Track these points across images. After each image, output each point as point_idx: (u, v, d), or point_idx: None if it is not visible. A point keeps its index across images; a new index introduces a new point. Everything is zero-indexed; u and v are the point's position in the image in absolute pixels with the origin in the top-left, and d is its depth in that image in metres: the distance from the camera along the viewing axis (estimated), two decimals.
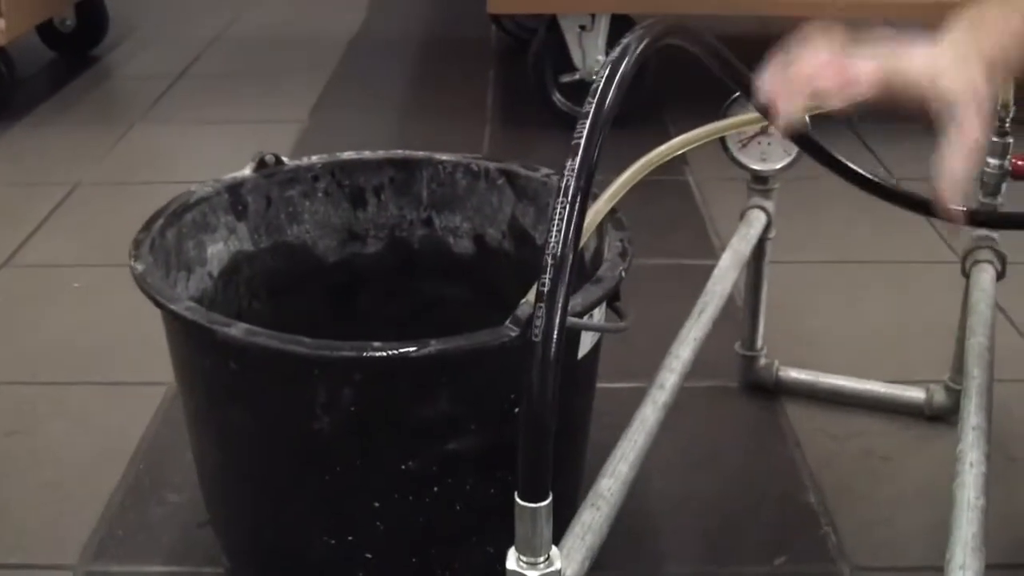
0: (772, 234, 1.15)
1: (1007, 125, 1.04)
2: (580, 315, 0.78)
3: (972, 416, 0.79)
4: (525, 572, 0.58)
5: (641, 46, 0.65)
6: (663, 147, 0.93)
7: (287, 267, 1.05)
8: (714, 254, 1.54)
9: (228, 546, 0.93)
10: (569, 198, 0.57)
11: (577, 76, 1.94)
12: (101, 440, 1.15)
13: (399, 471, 0.79)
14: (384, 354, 0.73)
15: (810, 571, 0.97)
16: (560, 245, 0.56)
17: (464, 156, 1.06)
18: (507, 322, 0.74)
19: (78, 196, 1.76)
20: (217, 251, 1.00)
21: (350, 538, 0.82)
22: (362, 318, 1.09)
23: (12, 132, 2.04)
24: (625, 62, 0.63)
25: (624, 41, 0.65)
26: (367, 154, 1.07)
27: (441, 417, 0.77)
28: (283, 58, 2.52)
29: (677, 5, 1.90)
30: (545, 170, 1.02)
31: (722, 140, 1.13)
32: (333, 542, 0.83)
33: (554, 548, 0.59)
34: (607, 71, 0.62)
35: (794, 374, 1.22)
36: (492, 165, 1.04)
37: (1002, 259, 1.05)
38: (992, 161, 1.06)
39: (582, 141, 0.59)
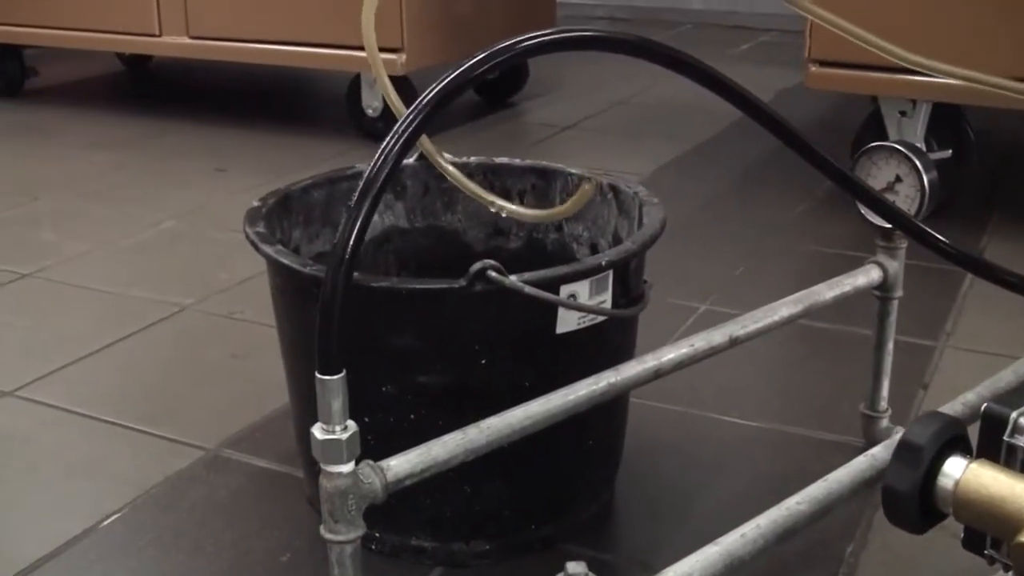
0: (899, 293, 1.15)
1: None
2: (541, 288, 0.89)
3: None
4: (320, 436, 0.72)
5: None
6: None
7: (437, 247, 1.24)
8: (917, 335, 1.50)
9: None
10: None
11: None
12: None
13: (381, 392, 0.94)
14: (358, 282, 0.89)
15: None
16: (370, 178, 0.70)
17: (587, 171, 1.18)
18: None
19: None
20: (372, 220, 1.20)
21: None
22: None
23: None
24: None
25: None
26: (516, 161, 1.23)
27: (409, 349, 0.92)
28: (662, 125, 2.70)
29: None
30: (637, 187, 1.12)
31: (852, 193, 1.15)
32: None
33: (350, 422, 0.72)
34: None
35: None
36: (605, 181, 1.16)
37: None
38: None
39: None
